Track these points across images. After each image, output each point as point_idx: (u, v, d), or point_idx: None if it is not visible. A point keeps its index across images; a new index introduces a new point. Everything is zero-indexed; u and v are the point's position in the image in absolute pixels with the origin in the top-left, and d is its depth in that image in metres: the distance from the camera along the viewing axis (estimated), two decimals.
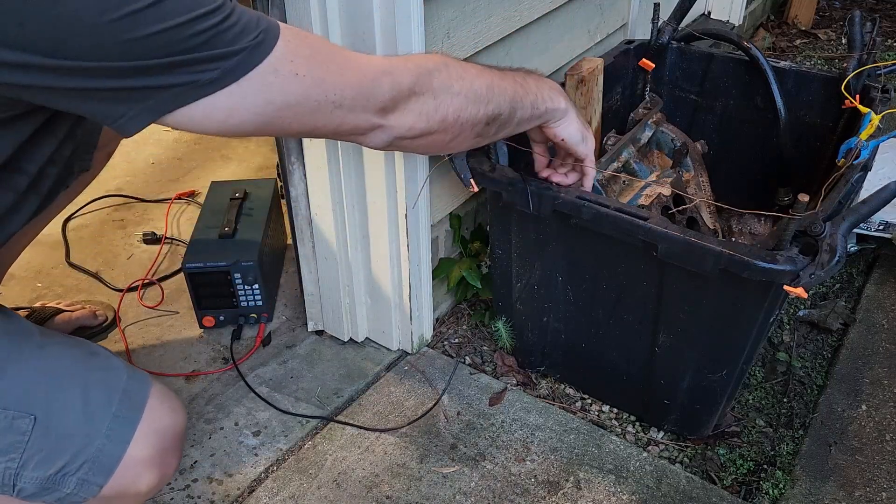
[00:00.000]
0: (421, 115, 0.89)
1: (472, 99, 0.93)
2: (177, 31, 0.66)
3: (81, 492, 0.87)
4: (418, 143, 0.93)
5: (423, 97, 0.88)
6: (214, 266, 1.45)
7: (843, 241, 0.96)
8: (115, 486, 0.88)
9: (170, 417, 0.94)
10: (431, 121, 0.90)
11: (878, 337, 1.54)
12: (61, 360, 0.90)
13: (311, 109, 0.79)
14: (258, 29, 0.72)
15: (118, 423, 0.88)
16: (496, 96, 0.97)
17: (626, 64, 1.59)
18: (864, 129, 1.21)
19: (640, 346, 1.25)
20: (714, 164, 1.62)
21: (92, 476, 0.87)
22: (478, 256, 1.57)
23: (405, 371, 1.45)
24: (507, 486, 1.22)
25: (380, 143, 0.89)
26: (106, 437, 0.87)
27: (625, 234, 1.09)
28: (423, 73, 0.88)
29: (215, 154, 2.19)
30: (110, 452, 0.88)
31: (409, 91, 0.86)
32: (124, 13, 0.63)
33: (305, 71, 0.76)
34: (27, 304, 1.56)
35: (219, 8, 0.69)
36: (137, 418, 0.90)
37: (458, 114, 0.92)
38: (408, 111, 0.87)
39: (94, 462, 0.87)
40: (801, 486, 1.23)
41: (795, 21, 3.15)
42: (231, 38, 0.70)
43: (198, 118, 0.72)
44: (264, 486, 1.22)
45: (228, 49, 0.70)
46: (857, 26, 1.41)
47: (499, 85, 0.98)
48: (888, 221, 1.69)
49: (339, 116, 0.82)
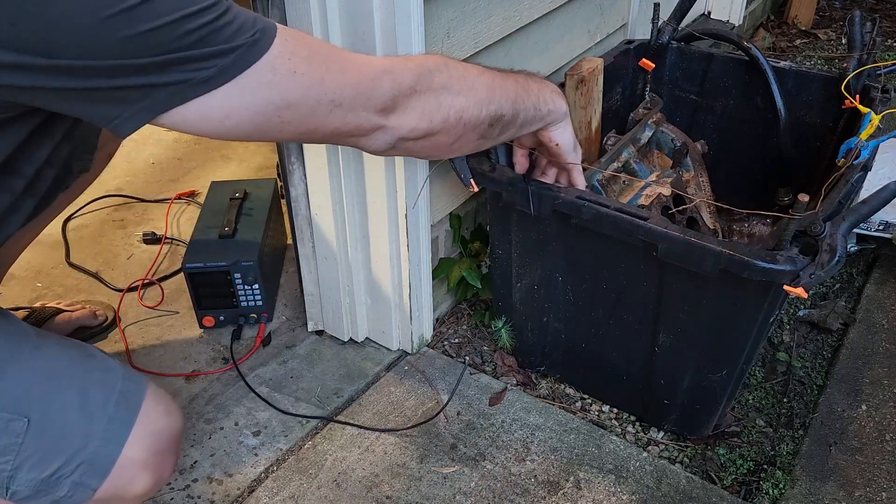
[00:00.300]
0: (423, 115, 0.87)
1: (474, 99, 0.92)
2: (170, 29, 0.65)
3: (76, 494, 0.87)
4: (421, 146, 0.92)
5: (424, 96, 0.87)
6: (214, 266, 1.45)
7: (843, 241, 0.96)
8: (109, 489, 0.88)
9: (166, 419, 0.93)
10: (434, 121, 0.89)
11: (878, 337, 1.54)
12: (58, 362, 0.90)
13: (310, 109, 0.78)
14: (255, 28, 0.71)
15: (114, 424, 0.88)
16: (498, 97, 0.96)
17: (626, 64, 1.59)
18: (864, 129, 1.21)
19: (640, 346, 1.25)
20: (714, 164, 1.62)
21: (87, 479, 0.86)
22: (478, 256, 1.57)
23: (405, 371, 1.45)
24: (507, 486, 1.22)
25: (382, 146, 0.88)
26: (101, 439, 0.87)
27: (625, 234, 1.09)
28: (424, 73, 0.87)
29: (215, 154, 2.19)
30: (105, 454, 0.87)
31: (410, 90, 0.85)
32: (118, 10, 0.62)
33: (304, 69, 0.75)
34: (27, 304, 1.56)
35: (213, 5, 0.68)
36: (133, 420, 0.89)
37: (461, 114, 0.91)
38: (409, 111, 0.86)
39: (89, 464, 0.86)
40: (801, 486, 1.23)
41: (795, 21, 3.15)
42: (227, 35, 0.69)
43: (193, 118, 0.71)
44: (264, 486, 1.22)
45: (224, 46, 0.68)
46: (857, 26, 1.41)
47: (501, 86, 0.97)
48: (888, 221, 1.69)
49: (339, 117, 0.80)
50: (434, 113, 0.89)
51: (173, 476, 1.23)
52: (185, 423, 0.98)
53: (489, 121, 0.96)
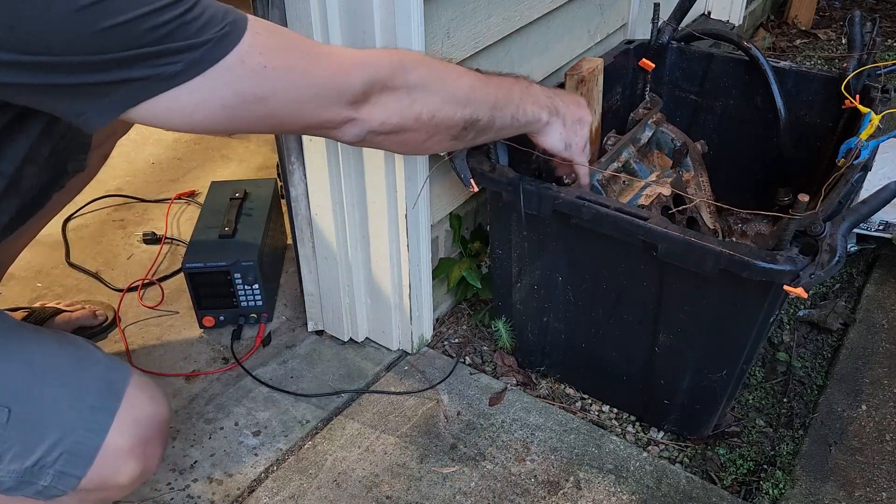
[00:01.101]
0: (394, 110, 0.87)
1: (450, 100, 0.92)
2: (138, 24, 0.65)
3: (60, 484, 0.86)
4: (393, 141, 0.92)
5: (397, 92, 0.87)
6: (214, 266, 1.45)
7: (843, 241, 0.96)
8: (94, 478, 0.87)
9: (150, 407, 0.92)
10: (405, 117, 0.89)
11: (878, 337, 1.54)
12: (40, 353, 0.89)
13: (280, 103, 0.78)
14: (224, 21, 0.71)
15: (96, 413, 0.87)
16: (476, 101, 0.96)
17: (626, 64, 1.59)
18: (864, 129, 1.21)
19: (640, 346, 1.25)
20: (714, 164, 1.62)
21: (70, 468, 0.86)
22: (478, 256, 1.57)
23: (405, 371, 1.45)
24: (507, 486, 1.22)
25: (352, 138, 0.88)
26: (83, 428, 0.86)
27: (625, 234, 1.09)
28: (399, 68, 0.87)
29: (215, 154, 2.19)
30: (88, 443, 0.86)
31: (382, 85, 0.85)
32: (87, 3, 0.62)
33: (275, 63, 0.75)
34: (27, 304, 1.56)
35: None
36: (116, 408, 0.88)
37: (434, 113, 0.91)
38: (380, 105, 0.86)
39: (71, 453, 0.85)
40: (801, 486, 1.23)
41: (795, 21, 3.15)
42: (195, 29, 0.68)
43: (162, 113, 0.71)
44: (264, 486, 1.22)
45: (192, 41, 0.68)
46: (857, 26, 1.41)
47: (481, 90, 0.97)
48: (888, 221, 1.69)
49: (309, 111, 0.81)
50: (405, 110, 0.88)
51: (173, 476, 1.23)
52: (171, 412, 0.96)
53: (463, 123, 0.96)
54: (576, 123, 1.14)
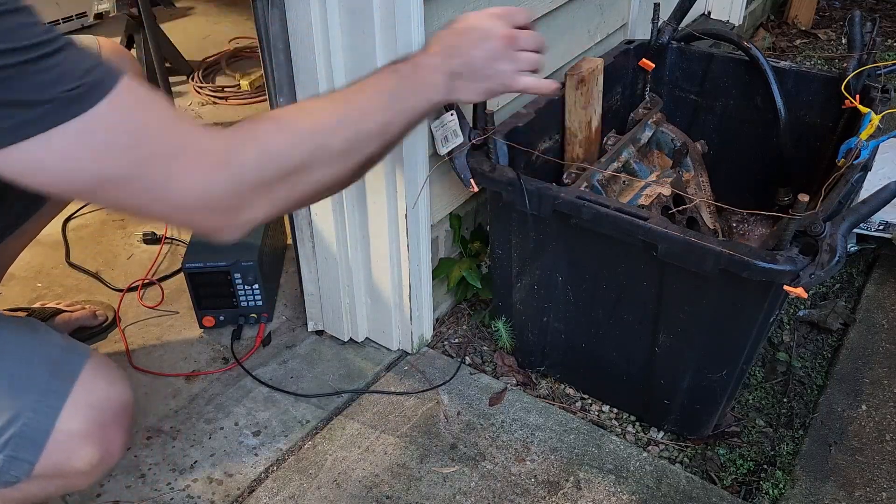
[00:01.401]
0: (274, 203, 0.76)
1: (328, 160, 0.80)
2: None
3: (13, 469, 0.83)
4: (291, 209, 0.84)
5: (273, 187, 0.75)
6: (214, 266, 1.45)
7: (843, 241, 0.97)
8: (48, 464, 0.84)
9: (107, 390, 0.88)
10: (289, 202, 0.79)
11: (878, 337, 1.54)
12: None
13: (129, 195, 0.66)
14: (81, 80, 0.61)
15: (46, 396, 0.84)
16: (355, 132, 0.82)
17: (626, 64, 1.59)
18: (864, 129, 1.21)
19: (640, 346, 1.25)
20: (714, 164, 1.62)
21: (21, 452, 0.83)
22: (478, 256, 1.57)
23: (405, 371, 1.45)
24: (507, 486, 1.22)
25: (238, 235, 0.76)
26: (32, 411, 0.83)
27: (625, 234, 1.09)
28: (267, 161, 0.74)
29: None
30: (37, 426, 0.83)
31: (251, 187, 0.73)
32: None
33: (126, 143, 0.64)
34: (27, 304, 1.56)
35: (39, 44, 0.59)
36: (68, 391, 0.85)
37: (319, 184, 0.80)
38: (256, 206, 0.75)
39: (21, 437, 0.82)
40: (801, 486, 1.23)
41: (795, 21, 3.15)
42: (38, 83, 0.59)
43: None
44: (264, 486, 1.22)
45: (31, 97, 0.59)
46: (857, 26, 1.41)
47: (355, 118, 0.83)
48: (888, 221, 1.69)
49: (160, 209, 0.69)
50: (287, 197, 0.78)
51: (173, 476, 1.23)
52: (133, 396, 0.93)
53: (357, 161, 0.84)
54: (461, 52, 0.95)
